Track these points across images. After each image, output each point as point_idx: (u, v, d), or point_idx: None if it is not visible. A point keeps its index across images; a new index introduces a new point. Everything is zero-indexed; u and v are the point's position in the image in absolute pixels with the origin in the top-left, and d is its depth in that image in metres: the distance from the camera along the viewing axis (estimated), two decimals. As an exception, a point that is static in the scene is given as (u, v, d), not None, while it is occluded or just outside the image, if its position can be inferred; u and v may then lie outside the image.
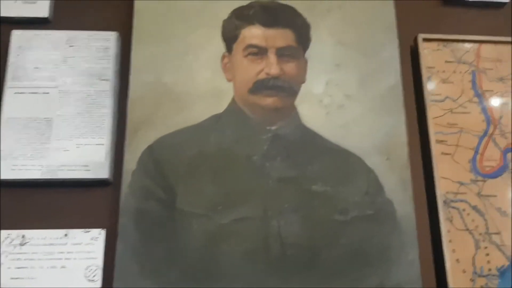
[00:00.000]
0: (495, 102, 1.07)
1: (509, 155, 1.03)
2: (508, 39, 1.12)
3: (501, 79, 1.09)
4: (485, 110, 1.06)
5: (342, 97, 1.00)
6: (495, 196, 1.00)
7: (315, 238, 0.91)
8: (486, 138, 1.04)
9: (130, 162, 0.93)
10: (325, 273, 0.89)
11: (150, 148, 0.93)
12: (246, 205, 0.92)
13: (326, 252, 0.90)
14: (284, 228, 0.91)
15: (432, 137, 1.02)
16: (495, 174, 1.02)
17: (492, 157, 1.03)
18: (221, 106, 0.97)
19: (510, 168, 1.02)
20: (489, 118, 1.06)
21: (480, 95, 1.07)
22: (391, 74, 1.02)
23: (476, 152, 1.03)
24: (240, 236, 0.90)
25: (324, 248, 0.91)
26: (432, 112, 1.04)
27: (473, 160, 1.02)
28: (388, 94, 1.01)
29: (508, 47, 1.11)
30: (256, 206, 0.92)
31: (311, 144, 0.96)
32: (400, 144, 0.98)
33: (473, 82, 1.08)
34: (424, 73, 1.06)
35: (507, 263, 0.96)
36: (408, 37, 1.09)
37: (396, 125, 0.99)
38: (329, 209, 0.93)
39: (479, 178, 1.01)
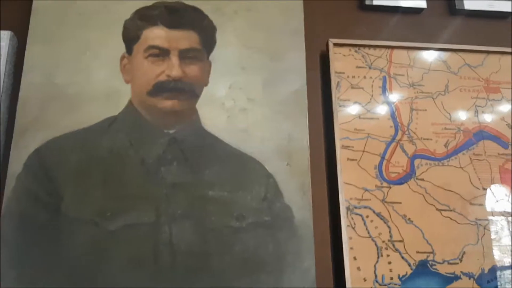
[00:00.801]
0: (404, 107, 1.06)
1: (416, 161, 1.02)
2: (421, 44, 1.12)
3: (411, 85, 1.08)
4: (393, 116, 1.05)
5: (245, 100, 0.98)
6: (400, 203, 0.98)
7: (208, 245, 0.88)
8: (393, 144, 1.03)
9: (15, 165, 0.88)
10: (216, 281, 0.86)
11: (37, 151, 0.89)
12: (137, 211, 0.88)
13: (218, 259, 0.87)
14: (176, 235, 0.87)
15: (338, 143, 1.00)
16: (401, 180, 1.00)
17: (399, 163, 1.02)
18: (117, 109, 0.94)
19: (417, 174, 1.01)
20: (398, 124, 1.05)
21: (390, 101, 1.06)
22: (297, 79, 1.01)
23: (383, 158, 1.01)
24: (128, 243, 0.86)
25: (217, 255, 0.87)
26: (340, 117, 1.03)
27: (379, 166, 1.01)
28: (292, 99, 0.99)
29: (420, 52, 1.11)
30: (148, 212, 0.88)
31: (210, 148, 0.93)
32: (302, 149, 0.96)
33: (384, 87, 1.07)
34: (333, 78, 1.05)
35: (409, 271, 0.94)
36: (320, 41, 1.08)
37: (298, 129, 0.97)
38: (224, 215, 0.90)
39: (385, 184, 0.99)
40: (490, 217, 0.99)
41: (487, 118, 1.07)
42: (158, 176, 0.90)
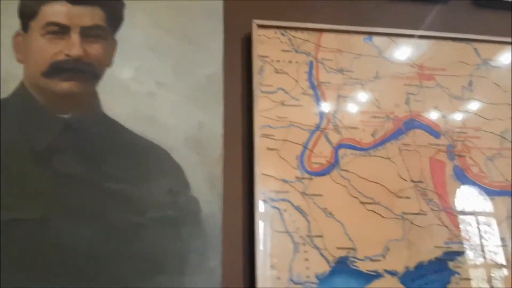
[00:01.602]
0: (331, 94, 0.99)
1: (341, 151, 0.95)
2: (353, 28, 1.05)
3: (340, 71, 1.01)
4: (319, 104, 0.98)
5: (153, 84, 0.89)
6: (321, 195, 0.91)
7: (103, 242, 0.79)
8: (317, 133, 0.96)
9: None
10: (111, 283, 0.77)
11: None
12: (23, 205, 0.78)
13: (114, 259, 0.78)
14: (66, 232, 0.78)
15: (257, 131, 0.92)
16: (324, 171, 0.93)
17: (322, 153, 0.95)
18: (6, 91, 0.84)
19: (341, 165, 0.94)
20: (323, 112, 0.97)
21: (316, 87, 0.99)
22: (212, 62, 0.93)
23: (306, 147, 0.94)
24: (12, 240, 0.76)
25: (113, 253, 0.78)
26: (261, 104, 0.95)
27: (301, 156, 0.94)
28: (206, 84, 0.91)
29: (351, 36, 1.04)
30: (36, 206, 0.78)
31: (110, 135, 0.85)
32: (214, 138, 0.88)
33: (310, 73, 1.00)
34: (256, 62, 0.97)
35: (328, 269, 0.87)
36: (243, 23, 1.00)
37: (211, 117, 0.89)
38: (123, 210, 0.81)
39: (306, 175, 0.92)
40: (419, 211, 0.93)
41: (419, 106, 1.01)
42: (49, 166, 0.81)
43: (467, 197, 0.95)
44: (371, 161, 0.95)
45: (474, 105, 1.03)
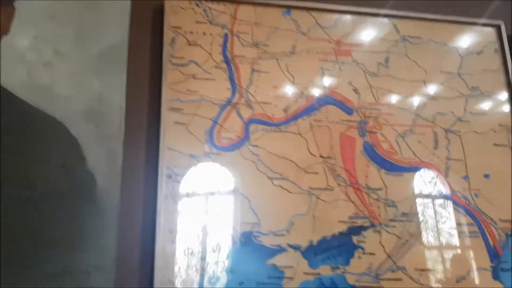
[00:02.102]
0: (245, 68, 0.97)
1: (252, 126, 0.94)
2: (270, 1, 1.02)
3: (255, 44, 0.99)
4: (232, 77, 0.96)
5: (51, 54, 0.85)
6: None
7: (-10, 218, 0.75)
8: (229, 108, 0.94)
9: None
10: (-3, 258, 0.74)
11: None
12: None
13: (3, 232, 0.75)
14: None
15: (165, 105, 0.90)
16: (233, 147, 0.92)
17: (232, 128, 0.93)
18: None
19: (251, 141, 0.93)
20: (236, 87, 0.96)
21: (229, 61, 0.97)
22: (118, 32, 0.89)
23: (215, 122, 0.93)
24: None
25: (2, 227, 0.75)
26: (170, 77, 0.93)
27: (211, 131, 0.92)
28: (109, 54, 0.87)
29: (269, 10, 1.02)
30: None
31: (2, 105, 0.80)
32: (115, 110, 0.85)
33: (224, 46, 0.98)
34: (167, 33, 0.94)
35: (231, 244, 0.86)
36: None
37: (112, 89, 0.86)
38: (12, 184, 0.77)
39: (215, 151, 0.91)
40: (326, 186, 0.93)
41: (334, 82, 1.01)
42: None
43: (375, 173, 0.96)
44: (282, 137, 0.95)
45: (389, 82, 1.03)
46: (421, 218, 0.95)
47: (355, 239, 0.91)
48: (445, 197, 0.97)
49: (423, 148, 1.00)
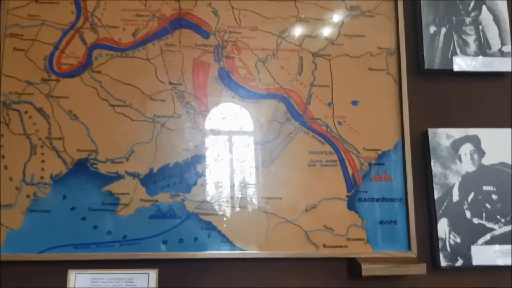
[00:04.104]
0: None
1: (95, 52, 0.90)
2: None
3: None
4: (77, 0, 0.91)
5: None
6: (67, 97, 0.89)
7: None
8: (71, 32, 0.91)
9: None
10: None
11: None
12: None
13: None
14: None
15: (4, 31, 0.88)
16: (73, 73, 0.90)
17: (74, 53, 0.90)
18: None
19: (93, 66, 0.90)
20: (81, 10, 0.92)
21: (77, -18, 0.92)
22: None
23: (56, 48, 0.90)
24: None
25: None
26: (12, 2, 0.89)
27: (50, 57, 0.89)
28: None
29: None
30: None
31: None
32: None
33: (70, -34, 0.92)
34: (6, -47, 0.89)
35: (65, 170, 0.86)
36: None
37: None
38: None
39: (53, 77, 0.89)
40: (173, 114, 0.90)
41: (190, 3, 0.94)
42: None
43: (228, 100, 0.92)
44: (128, 63, 0.91)
45: (253, 3, 0.95)
46: (274, 144, 0.91)
47: (199, 167, 0.89)
48: (303, 123, 0.92)
49: (285, 74, 0.94)
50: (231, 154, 0.90)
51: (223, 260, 0.87)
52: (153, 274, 0.83)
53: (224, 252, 0.87)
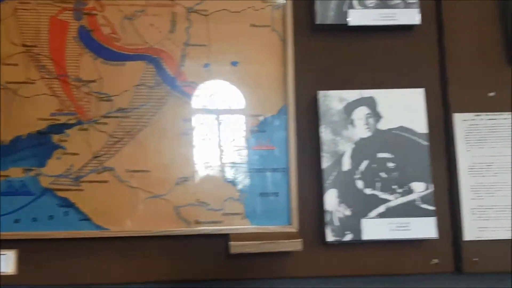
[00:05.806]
0: None
1: None
2: None
3: None
4: None
5: None
6: None
7: None
8: None
9: None
10: None
11: None
12: None
13: None
14: None
15: None
16: None
17: None
18: None
19: None
20: None
21: None
22: None
23: None
24: None
25: None
26: None
27: None
28: None
29: None
30: None
31: None
32: None
33: None
34: None
35: None
36: None
37: None
38: None
39: None
40: (26, 79, 0.81)
41: (47, -45, 0.84)
42: None
43: (89, 63, 0.82)
44: (-25, 24, 0.81)
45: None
46: (141, 112, 0.82)
47: (55, 138, 0.81)
48: (175, 88, 0.82)
49: (156, 32, 0.84)
50: (93, 123, 0.81)
51: (84, 240, 0.79)
52: (11, 255, 0.76)
53: (85, 231, 0.79)
